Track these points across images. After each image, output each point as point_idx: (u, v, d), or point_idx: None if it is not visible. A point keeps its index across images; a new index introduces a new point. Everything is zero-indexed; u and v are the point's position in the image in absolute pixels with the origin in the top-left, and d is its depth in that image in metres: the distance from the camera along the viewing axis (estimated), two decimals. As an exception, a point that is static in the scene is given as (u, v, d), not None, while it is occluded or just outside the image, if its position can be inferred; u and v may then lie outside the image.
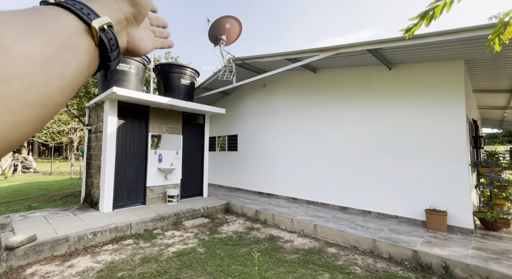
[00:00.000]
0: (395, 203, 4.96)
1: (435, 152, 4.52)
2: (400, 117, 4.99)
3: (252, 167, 8.18)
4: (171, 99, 5.80)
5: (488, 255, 3.18)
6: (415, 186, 4.72)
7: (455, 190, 4.27)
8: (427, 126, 4.65)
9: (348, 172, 5.73)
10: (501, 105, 7.57)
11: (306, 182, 6.53)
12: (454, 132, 4.32)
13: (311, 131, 6.57)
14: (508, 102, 6.93)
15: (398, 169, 4.95)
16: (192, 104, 6.34)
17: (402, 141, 4.94)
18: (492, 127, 15.30)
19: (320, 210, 5.69)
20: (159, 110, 6.21)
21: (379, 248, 3.70)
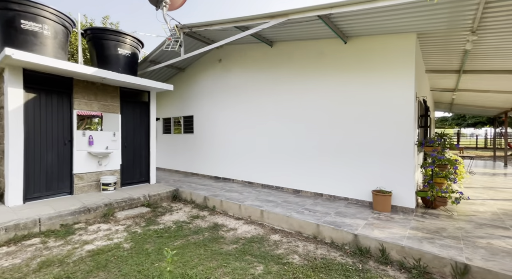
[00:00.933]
0: (344, 185, 4.86)
1: (385, 130, 4.39)
2: (354, 95, 4.75)
3: (208, 151, 7.63)
4: (99, 70, 4.85)
5: (423, 235, 3.15)
6: (363, 167, 4.62)
7: (401, 169, 4.22)
8: (378, 104, 4.47)
9: (301, 154, 5.48)
10: (451, 87, 7.85)
11: (262, 166, 6.21)
12: (403, 110, 4.19)
13: (268, 111, 6.14)
14: (456, 84, 7.15)
15: (348, 149, 4.79)
16: (131, 78, 5.44)
17: (353, 121, 4.75)
18: (443, 110, 16.49)
19: (273, 194, 5.44)
20: (88, 84, 5.22)
21: (322, 233, 3.52)
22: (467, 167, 9.72)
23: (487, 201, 4.95)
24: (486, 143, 24.15)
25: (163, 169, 9.36)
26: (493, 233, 3.25)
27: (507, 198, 5.19)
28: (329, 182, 5.07)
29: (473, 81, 6.87)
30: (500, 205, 4.61)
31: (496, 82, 6.61)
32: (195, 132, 8.09)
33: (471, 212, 4.17)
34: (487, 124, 19.30)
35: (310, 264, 2.85)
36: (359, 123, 4.70)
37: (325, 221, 3.66)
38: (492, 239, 3.06)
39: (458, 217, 3.88)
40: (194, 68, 8.18)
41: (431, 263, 2.66)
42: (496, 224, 3.58)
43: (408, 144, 4.15)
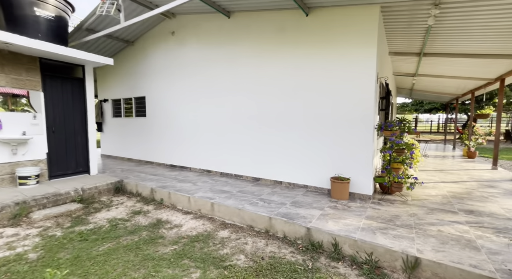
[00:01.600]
0: (304, 172, 4.60)
1: (344, 113, 4.12)
2: (315, 74, 4.35)
3: (163, 137, 6.86)
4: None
5: (378, 225, 2.98)
6: (322, 153, 4.36)
7: (359, 155, 4.03)
8: (339, 85, 4.14)
9: (261, 140, 5.07)
10: (412, 72, 7.93)
11: (220, 153, 5.70)
12: (363, 90, 3.91)
13: (226, 92, 5.53)
14: (416, 69, 7.19)
15: (307, 135, 4.48)
16: (52, 47, 4.37)
17: (313, 102, 4.40)
18: (404, 96, 17.31)
19: (230, 183, 5.01)
20: (-11, 53, 4.07)
21: (274, 227, 3.19)
22: (422, 150, 10.30)
23: (438, 183, 5.09)
24: (438, 127, 26.43)
25: (114, 157, 8.37)
26: (443, 218, 3.21)
27: (455, 180, 5.41)
28: (289, 169, 4.76)
29: (431, 66, 6.94)
30: (449, 188, 4.74)
31: (452, 67, 6.74)
32: (148, 115, 7.20)
33: (424, 196, 4.19)
34: (440, 110, 20.90)
35: (255, 266, 2.50)
36: (320, 107, 4.36)
37: (278, 213, 3.34)
38: (442, 225, 2.99)
39: (412, 203, 3.84)
40: (144, 41, 7.10)
41: (383, 257, 2.47)
42: (446, 208, 3.58)
43: (367, 127, 3.93)
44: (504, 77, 6.51)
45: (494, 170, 6.69)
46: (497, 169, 6.71)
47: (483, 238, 2.65)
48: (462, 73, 7.21)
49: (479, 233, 2.79)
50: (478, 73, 6.90)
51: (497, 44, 4.55)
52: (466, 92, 10.25)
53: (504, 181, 5.37)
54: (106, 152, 8.70)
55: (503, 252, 2.37)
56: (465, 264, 2.18)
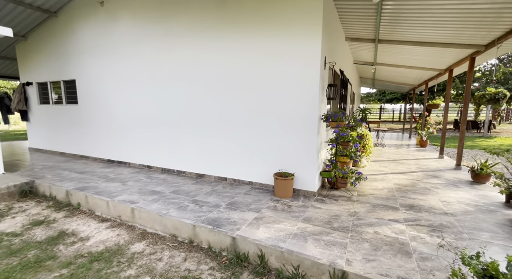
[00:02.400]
0: (249, 168, 4.17)
1: (289, 103, 3.70)
2: (260, 59, 3.83)
3: (98, 127, 5.93)
4: None
5: (313, 229, 2.66)
6: (267, 146, 3.95)
7: (305, 148, 3.68)
8: (283, 72, 3.69)
9: (204, 134, 4.50)
10: (371, 60, 7.82)
11: (161, 147, 5.03)
12: (307, 77, 3.51)
13: (167, 79, 4.79)
14: (374, 57, 7.05)
15: (251, 126, 4.02)
16: None
17: (256, 92, 3.91)
18: (368, 86, 17.75)
19: (168, 181, 4.42)
20: None
21: (199, 236, 2.73)
22: (380, 139, 10.58)
23: (388, 175, 5.03)
24: (400, 117, 28.07)
25: (45, 151, 7.19)
26: (383, 216, 3.01)
27: (404, 171, 5.43)
28: (233, 165, 4.30)
29: (389, 55, 6.84)
30: (397, 180, 4.69)
31: (407, 57, 6.70)
32: (80, 103, 6.15)
33: (370, 190, 4.03)
34: (401, 100, 22.03)
35: (156, 293, 2.02)
36: (263, 97, 3.89)
37: (206, 218, 2.87)
38: (380, 226, 2.77)
39: (357, 198, 3.63)
40: (69, 12, 5.92)
41: (310, 270, 2.14)
42: (389, 204, 3.42)
43: (312, 117, 3.57)
44: (452, 68, 6.63)
45: (440, 158, 6.95)
46: (443, 158, 6.99)
47: (417, 240, 2.46)
48: (417, 63, 7.25)
49: (414, 233, 2.61)
50: (431, 64, 6.97)
51: (449, 32, 4.40)
52: (421, 83, 10.60)
53: (447, 170, 5.52)
54: (34, 145, 7.45)
55: (433, 257, 2.17)
56: (393, 276, 1.92)
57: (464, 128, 5.60)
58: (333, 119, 3.60)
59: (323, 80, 3.72)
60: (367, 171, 5.36)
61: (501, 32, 4.02)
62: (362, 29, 5.02)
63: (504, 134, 14.64)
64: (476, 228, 2.74)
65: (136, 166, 5.47)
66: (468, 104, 5.40)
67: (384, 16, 4.08)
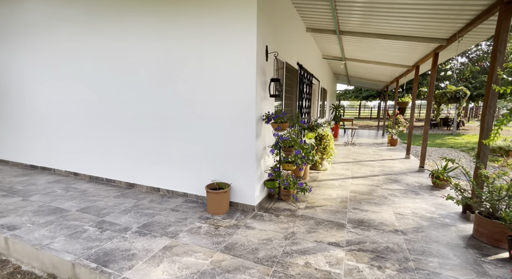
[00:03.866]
0: (183, 177, 3.55)
1: (226, 98, 3.11)
2: (193, 46, 3.18)
3: (17, 127, 5.01)
4: None
5: (230, 263, 2.11)
6: (203, 151, 3.34)
7: (244, 153, 3.11)
8: (219, 61, 3.07)
9: (135, 138, 3.80)
10: (338, 55, 7.40)
11: (88, 151, 4.25)
12: (242, 68, 2.92)
13: (88, 68, 4.00)
14: (341, 51, 6.62)
15: (187, 126, 3.38)
16: None
17: (188, 88, 3.28)
18: (345, 83, 17.58)
19: (88, 193, 3.69)
20: None
21: (79, 278, 2.07)
22: (351, 137, 10.33)
23: (347, 180, 4.61)
24: (378, 114, 28.55)
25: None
26: (323, 239, 2.52)
27: (365, 174, 5.05)
28: (167, 174, 3.65)
29: (357, 50, 6.43)
30: (355, 186, 4.27)
31: (377, 52, 6.32)
32: (-3, 98, 5.17)
33: (322, 200, 3.56)
34: (376, 98, 22.24)
35: None
36: (197, 94, 3.25)
37: (96, 252, 2.22)
38: (315, 253, 2.27)
39: (303, 212, 3.13)
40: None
41: None
42: (336, 219, 2.95)
43: (249, 118, 3.00)
44: (418, 64, 6.35)
45: (406, 159, 6.72)
46: (409, 158, 6.76)
47: (353, 274, 1.98)
48: (386, 60, 6.92)
49: (353, 263, 2.13)
50: (399, 60, 6.66)
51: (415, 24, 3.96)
52: (393, 79, 10.43)
53: (411, 172, 5.22)
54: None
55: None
56: None
57: (428, 128, 5.31)
58: (274, 121, 3.05)
59: (264, 74, 3.14)
60: (327, 175, 4.93)
61: (462, 24, 3.65)
62: (320, 19, 4.50)
63: (471, 131, 15.07)
64: (425, 251, 2.32)
65: (61, 172, 4.65)
66: (431, 102, 5.09)
67: (339, 3, 3.56)
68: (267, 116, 3.14)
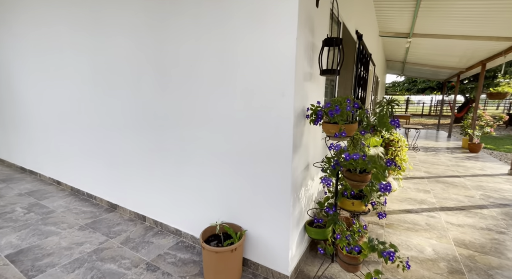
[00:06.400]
0: (178, 207, 2.27)
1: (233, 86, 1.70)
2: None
3: (7, 125, 4.29)
4: None
5: None
6: (209, 172, 2.00)
7: (272, 178, 1.69)
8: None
9: (120, 147, 2.64)
10: (404, 31, 5.44)
11: (71, 157, 3.26)
12: (268, 16, 1.49)
13: (85, 62, 2.96)
14: (412, 25, 4.70)
15: (186, 137, 2.07)
16: None
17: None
18: (396, 73, 14.84)
19: (52, 217, 2.64)
20: None
21: None
22: (413, 139, 8.15)
23: (436, 214, 2.89)
24: (430, 109, 24.47)
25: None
26: None
27: (461, 203, 3.22)
28: (157, 199, 2.41)
29: (433, 20, 4.46)
30: (457, 229, 2.55)
31: (463, 15, 4.28)
32: (-6, 89, 4.54)
33: (408, 257, 1.97)
34: (436, 90, 18.64)
35: None
36: (209, 89, 1.91)
37: None
38: None
39: (380, 296, 1.60)
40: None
41: None
42: None
43: (280, 111, 1.55)
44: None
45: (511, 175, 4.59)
46: (516, 174, 4.61)
47: None
48: (479, 31, 4.78)
49: None
50: (500, 30, 4.49)
51: None
52: (473, 64, 7.90)
53: (541, 203, 3.23)
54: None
55: None
56: None
57: None
58: (328, 118, 1.56)
59: (312, 31, 1.65)
60: (397, 200, 3.25)
61: None
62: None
63: None
64: None
65: (46, 179, 3.78)
66: None
67: None
68: (315, 111, 1.65)
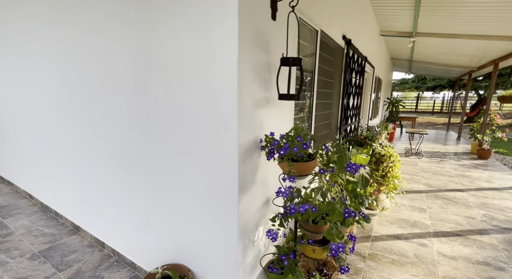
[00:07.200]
0: (135, 234, 2.07)
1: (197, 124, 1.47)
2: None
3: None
4: None
5: None
6: (157, 214, 1.79)
7: (215, 224, 1.46)
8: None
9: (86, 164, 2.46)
10: (407, 30, 5.03)
11: (43, 170, 3.12)
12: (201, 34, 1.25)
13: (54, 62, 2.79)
14: (414, 23, 4.30)
15: (146, 164, 1.86)
16: None
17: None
18: (404, 71, 14.19)
19: (4, 242, 2.50)
20: None
21: None
22: (417, 144, 7.70)
23: (428, 242, 2.59)
24: (442, 106, 23.46)
25: None
26: None
27: (459, 226, 2.90)
28: (117, 224, 2.22)
29: (436, 18, 4.05)
30: (450, 264, 2.25)
31: (470, 16, 3.86)
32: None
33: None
34: (446, 88, 17.77)
35: None
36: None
37: None
38: None
39: None
40: None
41: None
42: None
43: (221, 146, 1.31)
44: None
45: (522, 189, 4.17)
46: (527, 188, 4.19)
47: None
48: (487, 30, 4.33)
49: None
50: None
51: None
52: (485, 63, 7.34)
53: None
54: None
55: None
56: None
57: None
58: (282, 155, 1.30)
59: (266, 49, 1.38)
60: (387, 221, 2.95)
61: None
62: None
63: None
64: None
65: (20, 191, 3.67)
66: None
67: None
68: (269, 142, 1.39)
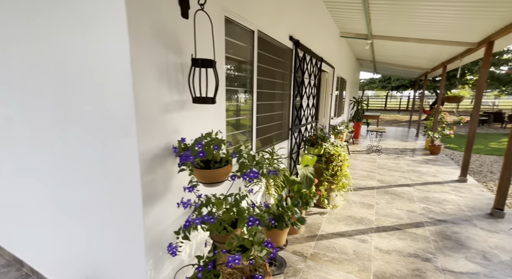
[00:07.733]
0: (55, 252, 1.89)
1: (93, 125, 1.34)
2: None
3: None
4: None
5: None
6: (75, 215, 1.64)
7: (125, 223, 1.36)
8: None
9: None
10: (363, 32, 5.22)
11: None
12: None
13: None
14: (367, 24, 4.46)
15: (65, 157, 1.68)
16: None
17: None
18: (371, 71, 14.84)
19: None
20: None
21: None
22: (377, 141, 8.11)
23: (368, 237, 2.69)
24: (407, 105, 25.05)
25: None
26: None
27: (400, 220, 3.06)
28: (36, 237, 2.01)
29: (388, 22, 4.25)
30: (384, 258, 2.35)
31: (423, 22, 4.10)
32: None
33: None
34: (409, 88, 19.00)
35: None
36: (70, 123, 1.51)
37: None
38: None
39: None
40: None
41: None
42: None
43: (118, 153, 1.21)
44: (493, 39, 4.01)
45: (462, 181, 4.54)
46: (466, 181, 4.56)
47: None
48: (433, 35, 4.63)
49: None
50: (456, 34, 4.36)
51: None
52: (437, 65, 7.90)
53: (478, 217, 3.13)
54: None
55: None
56: None
57: (475, 128, 3.13)
58: (187, 165, 1.23)
59: (175, 47, 1.30)
60: (336, 219, 3.03)
61: None
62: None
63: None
64: None
65: None
66: (482, 92, 2.99)
67: None
68: (183, 148, 1.31)
